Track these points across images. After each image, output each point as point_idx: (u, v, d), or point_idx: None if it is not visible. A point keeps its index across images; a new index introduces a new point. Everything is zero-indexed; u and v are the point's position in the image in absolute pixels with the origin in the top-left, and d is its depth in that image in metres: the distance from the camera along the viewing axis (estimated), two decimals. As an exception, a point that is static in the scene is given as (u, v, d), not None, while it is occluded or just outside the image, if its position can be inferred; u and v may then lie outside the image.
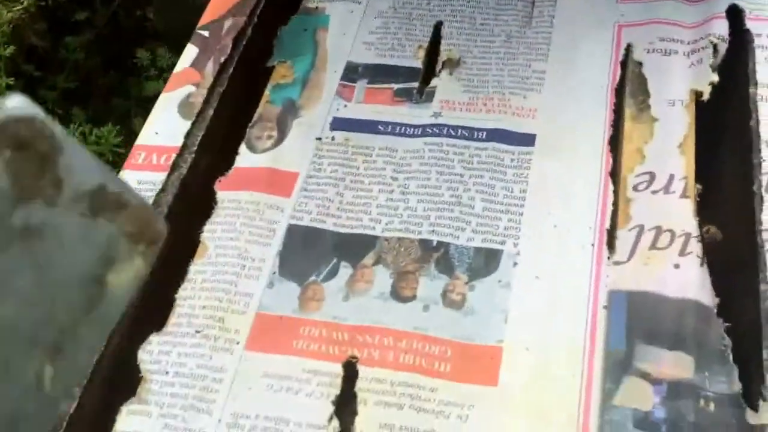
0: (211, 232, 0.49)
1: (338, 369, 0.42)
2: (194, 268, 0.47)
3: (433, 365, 0.42)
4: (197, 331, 0.44)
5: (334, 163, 0.51)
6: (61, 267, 0.20)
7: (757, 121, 0.46)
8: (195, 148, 0.51)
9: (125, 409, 0.42)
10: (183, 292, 0.46)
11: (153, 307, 0.45)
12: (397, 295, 0.45)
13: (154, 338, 0.44)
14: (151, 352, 0.44)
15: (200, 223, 0.49)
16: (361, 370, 0.42)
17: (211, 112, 0.53)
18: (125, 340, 0.44)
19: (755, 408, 0.37)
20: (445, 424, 0.40)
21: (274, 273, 0.47)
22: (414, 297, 0.45)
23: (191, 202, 0.49)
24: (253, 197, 0.50)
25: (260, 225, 0.49)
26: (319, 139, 0.53)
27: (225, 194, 0.50)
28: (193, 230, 0.48)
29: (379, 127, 0.53)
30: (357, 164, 0.51)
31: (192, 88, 0.56)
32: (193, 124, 0.52)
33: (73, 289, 0.20)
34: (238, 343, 0.44)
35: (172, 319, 0.45)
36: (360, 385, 0.42)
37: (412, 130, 0.53)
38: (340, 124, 0.54)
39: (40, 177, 0.19)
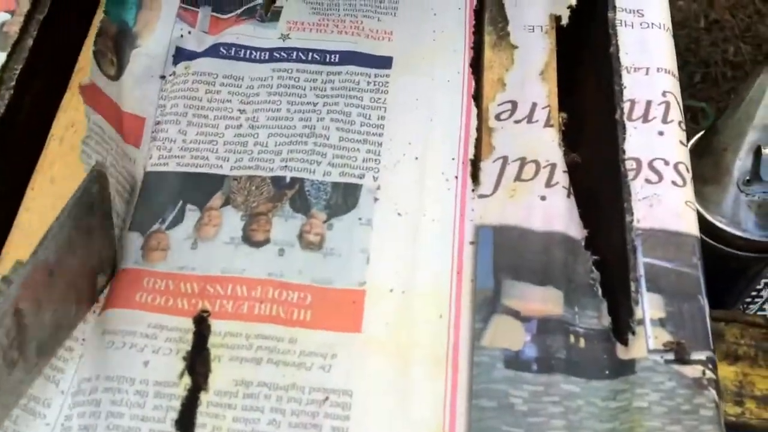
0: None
1: (188, 324, 0.38)
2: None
3: (291, 314, 0.39)
4: None
5: (175, 97, 0.46)
6: None
7: (617, 47, 0.45)
8: (12, 83, 0.44)
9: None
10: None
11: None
12: (248, 239, 0.41)
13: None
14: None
15: (29, 164, 0.42)
16: (214, 324, 0.38)
17: (30, 42, 0.46)
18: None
19: (625, 342, 0.36)
20: (307, 376, 0.37)
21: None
22: (268, 240, 0.41)
23: (14, 144, 0.43)
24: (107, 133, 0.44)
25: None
26: (163, 77, 0.47)
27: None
28: (18, 174, 0.42)
29: (221, 49, 0.48)
30: (199, 95, 0.46)
31: (6, 16, 0.49)
32: (9, 56, 0.45)
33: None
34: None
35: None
36: (213, 340, 0.38)
37: (257, 54, 0.48)
38: (184, 55, 0.48)
39: None
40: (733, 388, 0.45)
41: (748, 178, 0.57)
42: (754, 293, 0.65)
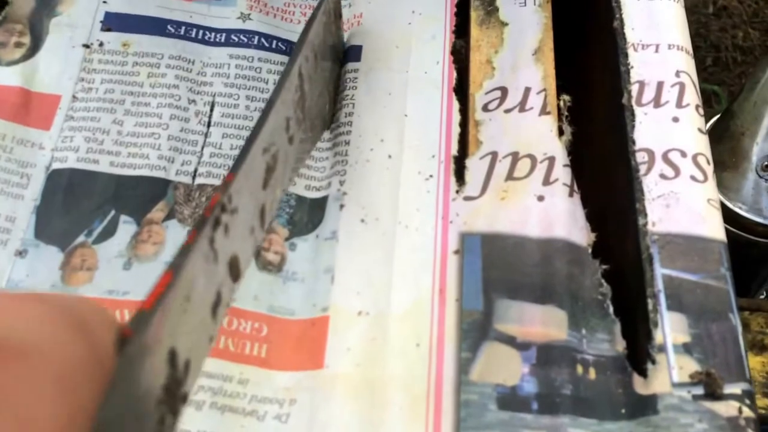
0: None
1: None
2: None
3: (243, 348, 0.32)
4: None
5: (109, 80, 0.39)
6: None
7: (621, 22, 0.39)
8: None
9: None
10: None
11: None
12: (194, 256, 0.35)
13: None
14: None
15: None
16: (148, 358, 0.32)
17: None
18: None
19: (643, 373, 0.30)
20: (260, 428, 0.30)
21: (28, 237, 0.35)
22: (217, 259, 0.35)
23: None
24: None
25: (8, 168, 0.36)
26: (88, 46, 0.40)
27: None
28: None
29: (169, 27, 0.41)
30: (140, 79, 0.40)
31: None
32: None
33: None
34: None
35: None
36: (146, 378, 0.32)
37: (212, 35, 0.42)
38: (114, 21, 0.41)
39: None
40: (761, 379, 0.39)
41: (766, 163, 0.53)
42: (776, 281, 0.60)
